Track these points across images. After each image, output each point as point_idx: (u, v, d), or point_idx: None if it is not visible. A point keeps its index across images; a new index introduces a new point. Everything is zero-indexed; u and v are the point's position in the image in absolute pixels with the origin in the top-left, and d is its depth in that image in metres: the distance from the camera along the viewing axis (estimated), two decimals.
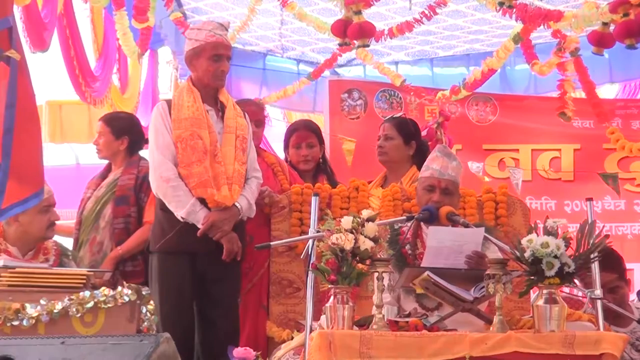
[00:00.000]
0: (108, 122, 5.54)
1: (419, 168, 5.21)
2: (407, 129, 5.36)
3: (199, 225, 4.60)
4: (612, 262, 5.05)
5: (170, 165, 4.65)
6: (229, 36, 4.97)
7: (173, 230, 4.64)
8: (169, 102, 4.80)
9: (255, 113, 5.39)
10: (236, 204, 4.66)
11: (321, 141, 5.66)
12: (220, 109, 4.80)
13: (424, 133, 5.81)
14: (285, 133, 5.82)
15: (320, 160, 5.64)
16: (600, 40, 5.22)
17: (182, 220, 4.62)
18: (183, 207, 4.59)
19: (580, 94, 7.30)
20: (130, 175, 5.36)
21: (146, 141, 5.57)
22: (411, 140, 5.32)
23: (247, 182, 4.79)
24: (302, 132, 5.61)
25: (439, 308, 4.14)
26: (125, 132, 5.48)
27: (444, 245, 4.16)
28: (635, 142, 6.64)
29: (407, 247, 4.36)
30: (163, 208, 4.69)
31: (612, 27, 5.08)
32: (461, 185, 4.60)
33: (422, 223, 4.40)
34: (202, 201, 4.62)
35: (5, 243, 4.67)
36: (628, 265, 5.49)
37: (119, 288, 3.99)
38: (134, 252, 5.17)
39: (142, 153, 5.54)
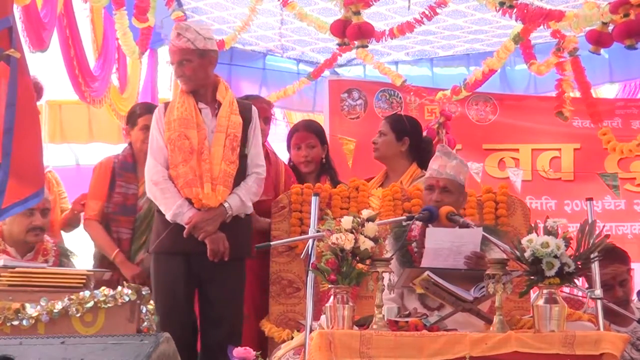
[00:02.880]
0: None
1: (420, 165, 5.23)
2: (400, 126, 5.35)
3: (186, 226, 4.63)
4: (622, 255, 5.09)
5: (160, 168, 4.70)
6: (229, 36, 4.97)
7: (166, 231, 4.67)
8: (166, 105, 4.85)
9: (264, 110, 5.43)
10: (224, 203, 4.67)
11: (323, 141, 5.61)
12: (218, 107, 4.80)
13: (424, 133, 5.79)
14: (287, 134, 5.82)
15: (323, 160, 5.60)
16: (599, 40, 5.21)
17: (172, 221, 4.65)
18: (170, 209, 4.63)
19: None
20: None
21: None
22: (404, 136, 5.31)
23: (245, 179, 4.79)
24: (301, 133, 5.59)
25: (441, 307, 4.14)
26: None
27: (442, 247, 4.16)
28: (626, 143, 6.64)
29: (414, 244, 4.36)
30: (158, 210, 4.74)
31: (611, 27, 5.08)
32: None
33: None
34: (191, 202, 4.64)
35: (4, 244, 4.67)
36: None
37: (119, 288, 4.00)
38: None
39: None
